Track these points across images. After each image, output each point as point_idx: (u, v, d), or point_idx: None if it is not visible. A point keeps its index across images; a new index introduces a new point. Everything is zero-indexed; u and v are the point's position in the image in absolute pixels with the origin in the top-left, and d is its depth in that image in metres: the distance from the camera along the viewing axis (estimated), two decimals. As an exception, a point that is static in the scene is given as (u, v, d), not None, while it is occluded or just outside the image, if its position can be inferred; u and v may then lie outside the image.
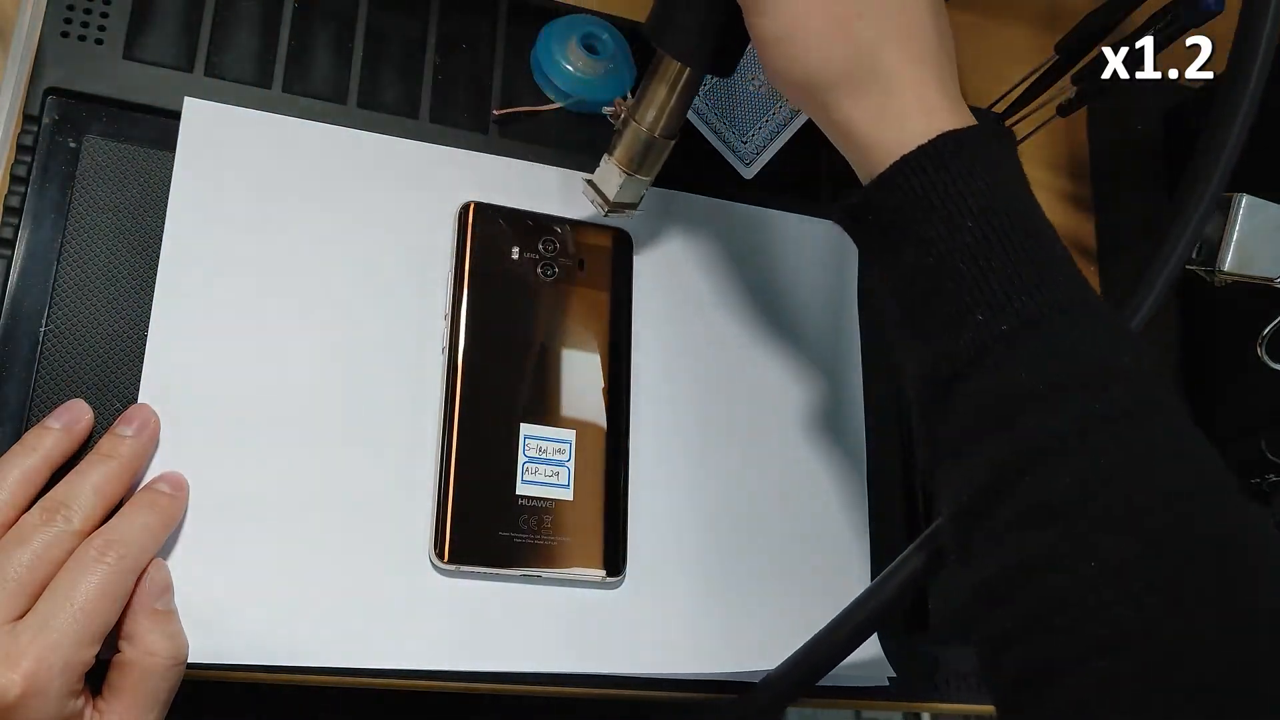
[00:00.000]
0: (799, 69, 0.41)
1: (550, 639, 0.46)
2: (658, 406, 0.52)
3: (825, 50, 0.40)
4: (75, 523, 0.39)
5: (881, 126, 0.40)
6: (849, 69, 0.40)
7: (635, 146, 0.48)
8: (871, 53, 0.40)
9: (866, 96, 0.40)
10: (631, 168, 0.48)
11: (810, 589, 0.52)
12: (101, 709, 0.39)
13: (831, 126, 0.42)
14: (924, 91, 0.40)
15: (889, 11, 0.40)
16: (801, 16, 0.39)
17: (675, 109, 0.47)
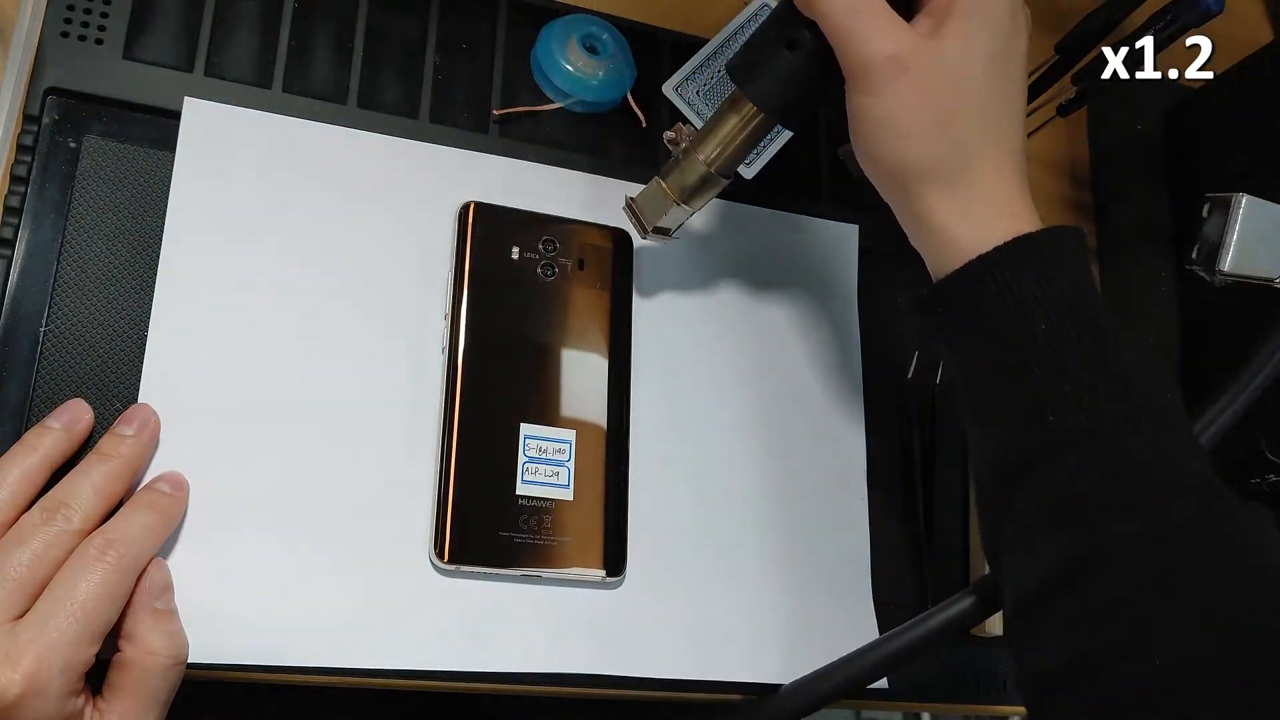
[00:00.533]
0: (895, 156, 0.41)
1: (550, 639, 0.46)
2: (658, 406, 0.52)
3: (926, 142, 0.41)
4: (75, 522, 0.39)
5: (964, 224, 0.41)
6: (944, 164, 0.41)
7: (690, 178, 0.47)
8: (967, 150, 0.41)
9: (954, 193, 0.41)
10: (680, 197, 0.47)
11: (810, 589, 0.52)
12: (102, 708, 0.39)
13: (910, 215, 0.43)
14: (1009, 192, 0.41)
15: (989, 107, 0.41)
16: (910, 105, 0.40)
17: (738, 150, 0.46)
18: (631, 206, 0.49)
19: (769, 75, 0.44)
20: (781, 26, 0.43)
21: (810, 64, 0.43)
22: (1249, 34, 0.76)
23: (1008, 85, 0.42)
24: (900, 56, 0.40)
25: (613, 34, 0.56)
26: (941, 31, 0.41)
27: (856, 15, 0.40)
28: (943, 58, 0.40)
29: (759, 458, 0.53)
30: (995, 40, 0.41)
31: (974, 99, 0.41)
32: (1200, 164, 0.64)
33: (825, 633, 0.51)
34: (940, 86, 0.40)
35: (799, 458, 0.54)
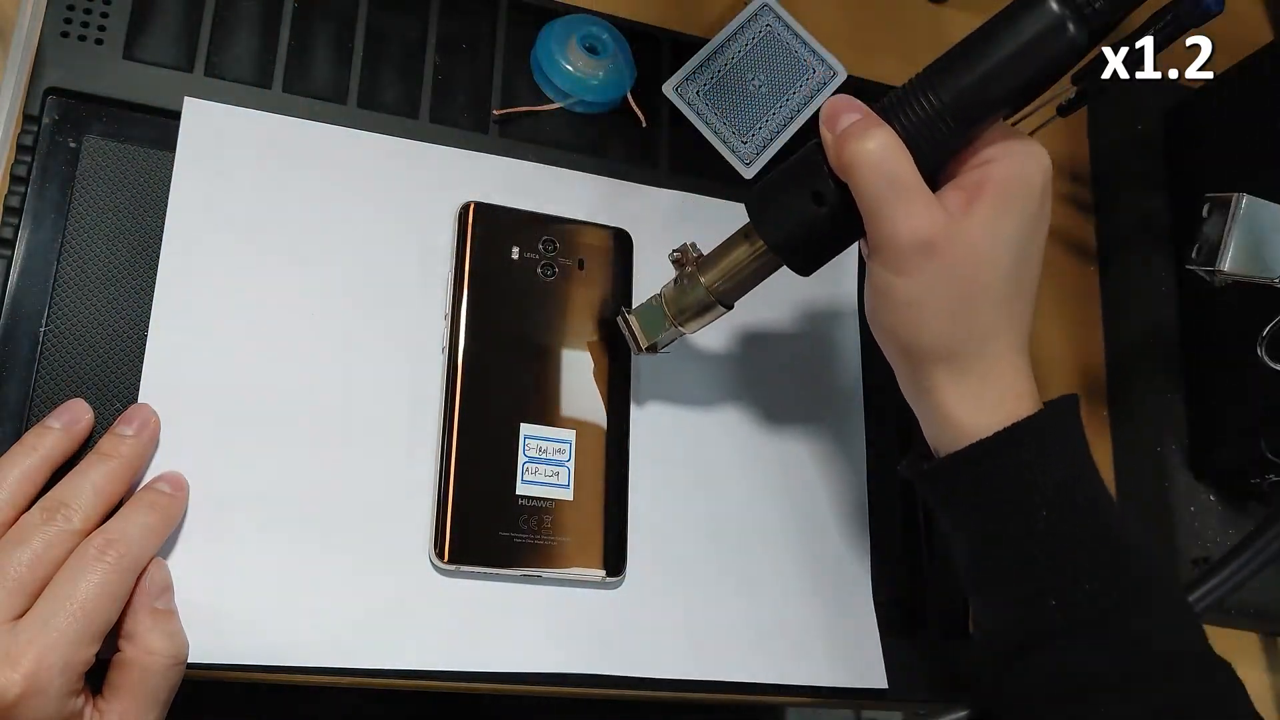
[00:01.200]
0: (910, 336, 0.42)
1: (550, 639, 0.46)
2: (658, 406, 0.52)
3: (943, 327, 0.41)
4: (75, 522, 0.39)
5: (968, 407, 0.41)
6: (959, 349, 0.41)
7: (690, 301, 0.46)
8: (983, 337, 0.41)
9: (964, 377, 0.41)
10: (677, 319, 0.47)
11: (810, 589, 0.52)
12: (102, 708, 0.39)
13: (915, 388, 0.43)
14: (1016, 379, 0.41)
15: (1008, 296, 0.41)
16: (935, 288, 0.40)
17: (744, 283, 0.46)
18: (626, 320, 0.48)
19: (789, 222, 0.43)
20: (809, 175, 0.42)
21: (834, 220, 0.42)
22: (1249, 34, 0.76)
23: (1028, 267, 0.42)
24: (932, 242, 0.39)
25: (613, 34, 0.56)
26: (972, 210, 0.40)
27: (894, 193, 0.39)
28: (971, 243, 0.40)
29: (759, 458, 0.53)
30: (1023, 224, 0.41)
31: (996, 285, 0.40)
32: (1200, 164, 0.64)
33: (825, 633, 0.51)
34: (966, 273, 0.40)
35: (799, 457, 0.54)
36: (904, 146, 0.40)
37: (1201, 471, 0.60)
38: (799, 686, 0.50)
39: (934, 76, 0.40)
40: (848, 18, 0.65)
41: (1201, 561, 0.57)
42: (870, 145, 0.39)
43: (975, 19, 0.70)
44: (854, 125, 0.40)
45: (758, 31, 0.59)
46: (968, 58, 0.40)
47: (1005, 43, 0.39)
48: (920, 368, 0.42)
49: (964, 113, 0.40)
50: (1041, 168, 0.41)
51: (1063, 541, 0.40)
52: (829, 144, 0.41)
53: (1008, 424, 0.40)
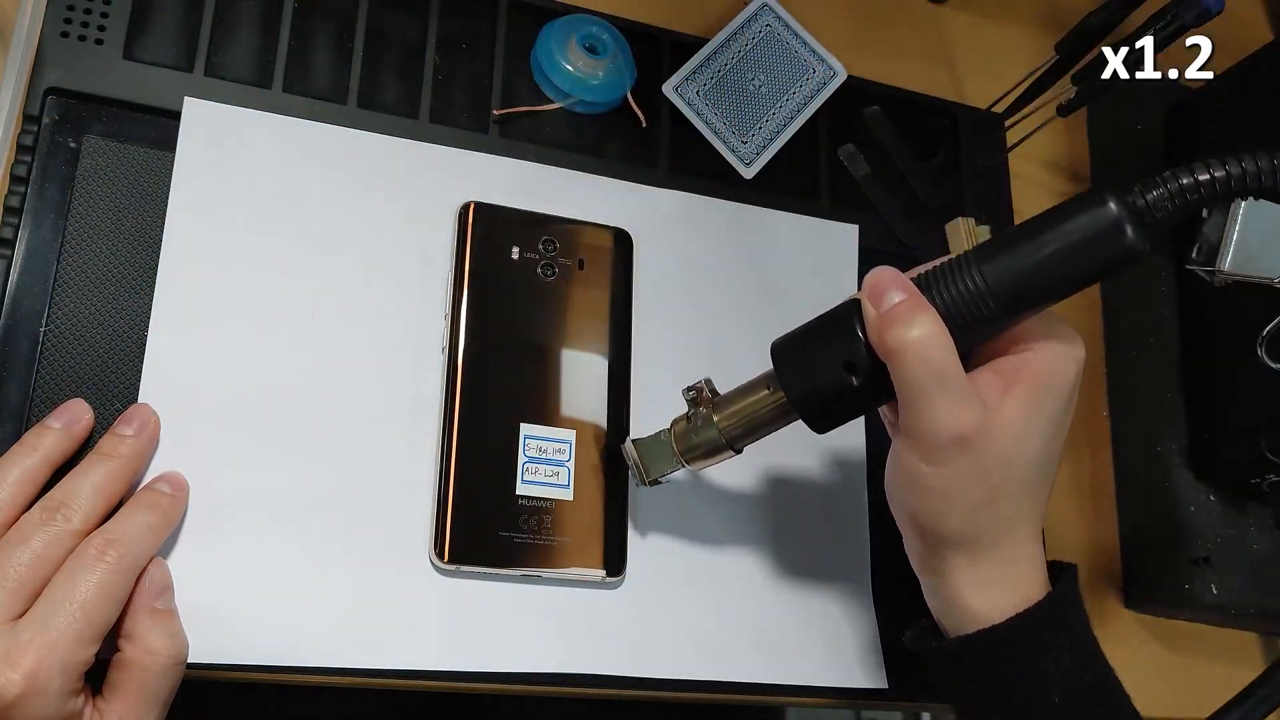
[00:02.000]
0: (933, 523, 0.42)
1: (550, 639, 0.46)
2: (658, 406, 0.52)
3: (969, 517, 0.41)
4: (75, 522, 0.39)
5: (980, 593, 0.42)
6: (978, 538, 0.41)
7: (699, 440, 0.45)
8: (1003, 530, 0.41)
9: (977, 563, 0.42)
10: (684, 456, 0.45)
11: (810, 589, 0.52)
12: (102, 708, 0.39)
13: (930, 571, 0.43)
14: (1028, 569, 0.42)
15: (1031, 490, 0.41)
16: (965, 481, 0.40)
17: (757, 430, 0.44)
18: (633, 451, 0.47)
19: (815, 384, 0.42)
20: (844, 342, 0.41)
21: (862, 391, 0.41)
22: (1249, 34, 0.76)
23: (1053, 456, 0.42)
24: (969, 437, 0.39)
25: (613, 34, 0.56)
26: (1007, 401, 0.40)
27: (936, 386, 0.39)
28: (1004, 437, 0.39)
29: (758, 458, 0.53)
30: (1055, 417, 0.41)
31: (1022, 477, 0.40)
32: (1200, 164, 0.64)
33: (825, 633, 0.51)
34: (995, 467, 0.40)
35: (798, 457, 0.54)
36: (948, 336, 0.39)
37: (1201, 471, 0.60)
38: (799, 686, 0.50)
39: (984, 258, 0.39)
40: (848, 18, 0.65)
41: (1202, 562, 0.57)
42: (915, 334, 0.38)
43: (975, 19, 0.71)
44: (900, 307, 0.39)
45: (758, 31, 0.59)
46: (1020, 246, 0.38)
47: (1060, 238, 0.38)
48: (936, 550, 0.43)
49: (1009, 302, 0.39)
50: (1078, 361, 0.41)
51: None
52: (871, 320, 0.40)
53: (1017, 611, 0.41)
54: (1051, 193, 0.68)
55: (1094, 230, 0.37)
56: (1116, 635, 0.60)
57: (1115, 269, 0.38)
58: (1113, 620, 0.60)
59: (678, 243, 0.55)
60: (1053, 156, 0.68)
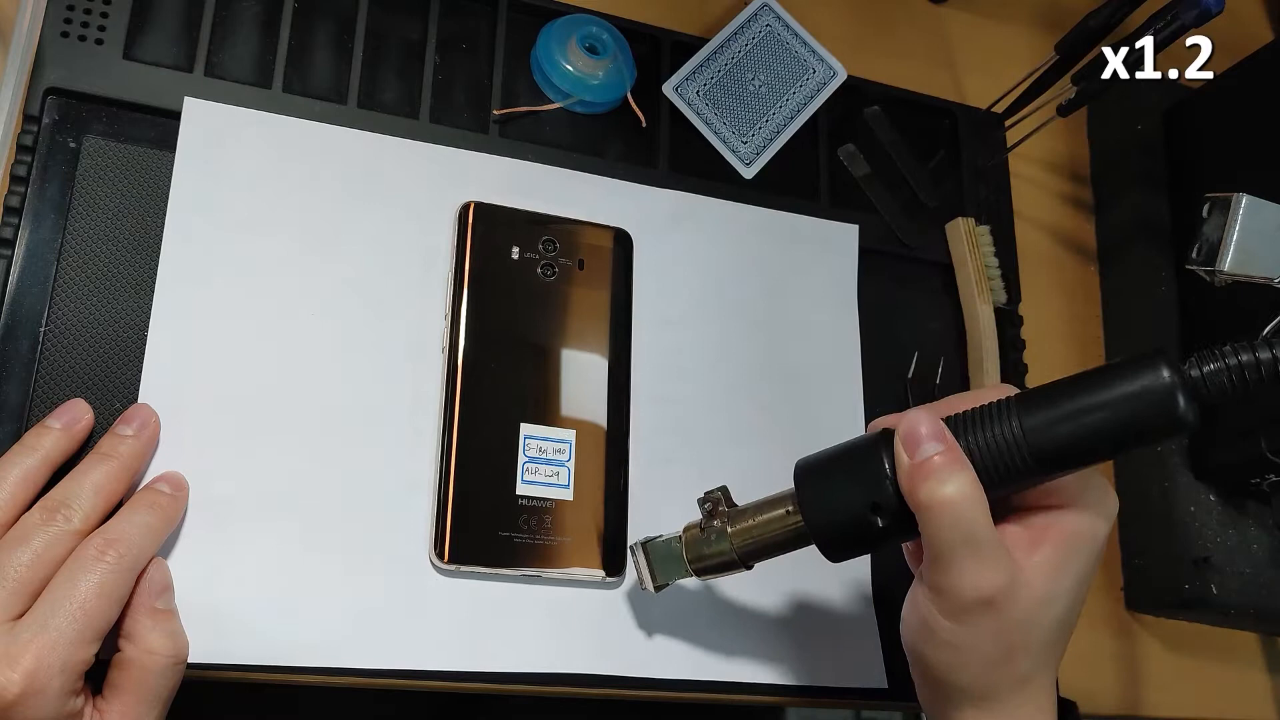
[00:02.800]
0: (948, 673, 0.41)
1: (550, 639, 0.46)
2: (658, 406, 0.52)
3: (984, 674, 0.40)
4: (75, 522, 0.39)
5: None
6: (990, 694, 0.40)
7: (710, 552, 0.44)
8: (1017, 687, 0.40)
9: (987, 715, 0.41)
10: (693, 566, 0.44)
11: (810, 590, 0.52)
12: (101, 708, 0.39)
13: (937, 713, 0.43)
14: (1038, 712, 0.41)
15: (1050, 648, 0.40)
16: (984, 638, 0.39)
17: (769, 551, 0.43)
18: (642, 555, 0.45)
19: (837, 518, 0.40)
20: (872, 482, 0.39)
21: (886, 532, 0.39)
22: (1249, 34, 0.76)
23: (1076, 611, 0.41)
24: (994, 600, 0.38)
25: (613, 34, 0.56)
26: (1035, 559, 0.39)
27: (967, 547, 0.38)
28: (1028, 599, 0.39)
29: (759, 457, 0.53)
30: (1084, 574, 0.40)
31: (1044, 635, 0.40)
32: (1200, 164, 0.64)
33: (825, 633, 0.51)
34: (1019, 628, 0.39)
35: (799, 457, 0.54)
36: (983, 495, 0.38)
37: (1201, 471, 0.60)
38: (799, 686, 0.50)
39: (1026, 409, 0.38)
40: (848, 18, 0.65)
41: (1202, 562, 0.58)
42: (950, 491, 0.37)
43: (975, 19, 0.71)
44: (934, 461, 0.38)
45: (758, 31, 0.59)
46: (1065, 402, 0.37)
47: (1108, 401, 0.36)
48: (947, 700, 0.42)
49: (1047, 459, 0.37)
50: (1109, 520, 0.40)
51: None
52: (903, 468, 0.38)
53: None
54: (1051, 193, 0.68)
55: (1145, 397, 0.35)
56: (1116, 635, 0.60)
57: (1161, 439, 0.36)
58: (1113, 620, 0.60)
59: (678, 243, 0.55)
60: (1053, 156, 0.68)
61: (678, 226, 0.55)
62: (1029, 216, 0.66)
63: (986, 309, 0.59)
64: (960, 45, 0.68)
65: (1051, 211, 0.67)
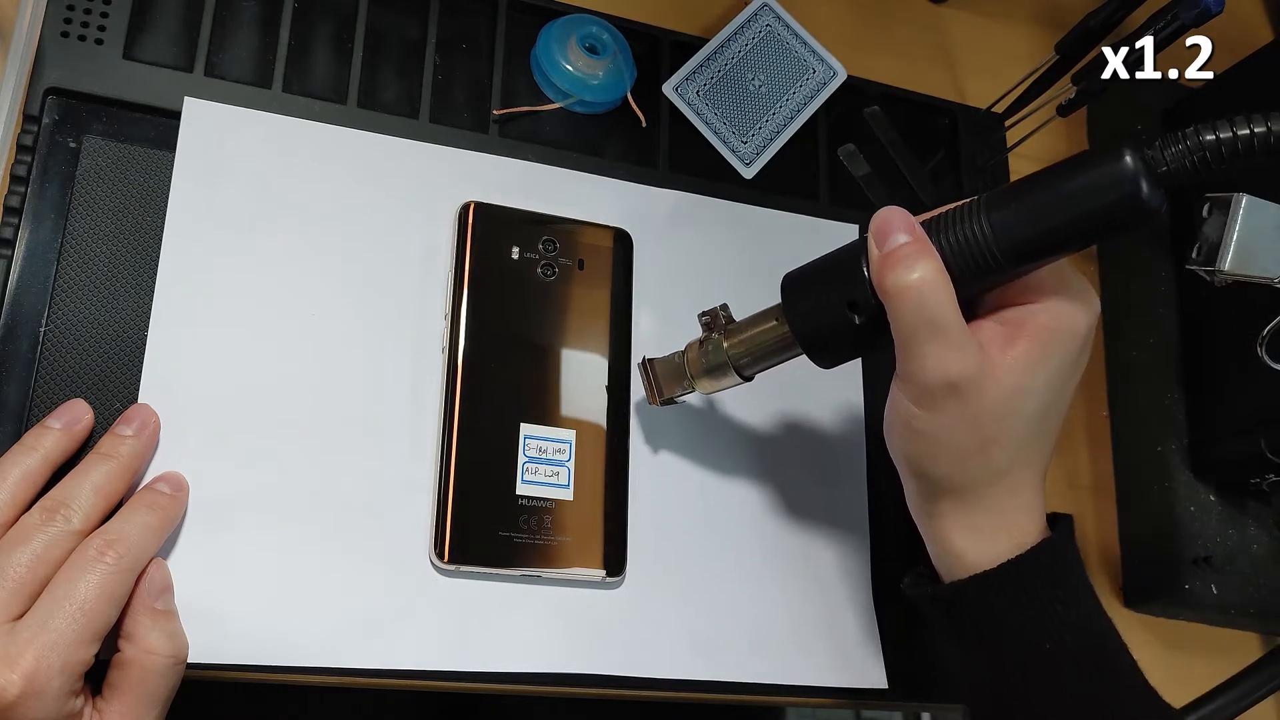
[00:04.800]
0: (925, 466, 0.42)
1: (550, 639, 0.46)
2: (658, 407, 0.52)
3: (958, 464, 0.41)
4: (75, 522, 0.39)
5: (970, 539, 0.42)
6: (968, 486, 0.41)
7: (710, 364, 0.46)
8: (996, 476, 0.41)
9: (967, 509, 0.41)
10: (695, 380, 0.47)
11: (810, 589, 0.52)
12: (101, 708, 0.39)
13: (923, 514, 0.43)
14: (1021, 518, 0.41)
15: (1030, 439, 0.41)
16: (955, 428, 0.40)
17: (764, 359, 0.45)
18: (649, 369, 0.48)
19: (819, 320, 0.42)
20: (848, 281, 0.41)
21: (865, 331, 0.41)
22: (1249, 34, 0.76)
23: (1057, 410, 0.41)
24: (958, 386, 0.39)
25: (613, 34, 0.56)
26: (1008, 352, 0.39)
27: (929, 331, 0.38)
28: (999, 389, 0.39)
29: (758, 457, 0.53)
30: (1060, 371, 0.40)
31: (1018, 430, 0.40)
32: (1200, 164, 0.64)
33: (825, 633, 0.51)
34: (990, 418, 0.39)
35: (798, 457, 0.54)
36: (948, 281, 0.38)
37: (1201, 471, 0.60)
38: (799, 686, 0.50)
39: (992, 206, 0.38)
40: (848, 18, 0.65)
41: (1202, 562, 0.57)
42: (913, 277, 0.38)
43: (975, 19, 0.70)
44: (901, 250, 0.38)
45: (758, 31, 0.59)
46: (1030, 195, 0.38)
47: (1072, 190, 0.37)
48: (928, 494, 0.42)
49: (1014, 253, 0.38)
50: (1088, 318, 0.40)
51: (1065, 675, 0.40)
52: (874, 260, 0.39)
53: (1007, 559, 0.41)
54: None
55: (1108, 184, 0.36)
56: (1116, 635, 0.60)
57: (1126, 226, 0.37)
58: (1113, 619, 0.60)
59: (678, 243, 0.55)
60: (1053, 156, 0.68)
61: (678, 226, 0.55)
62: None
63: (986, 309, 0.59)
64: (960, 45, 0.68)
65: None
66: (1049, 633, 0.40)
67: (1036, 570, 0.41)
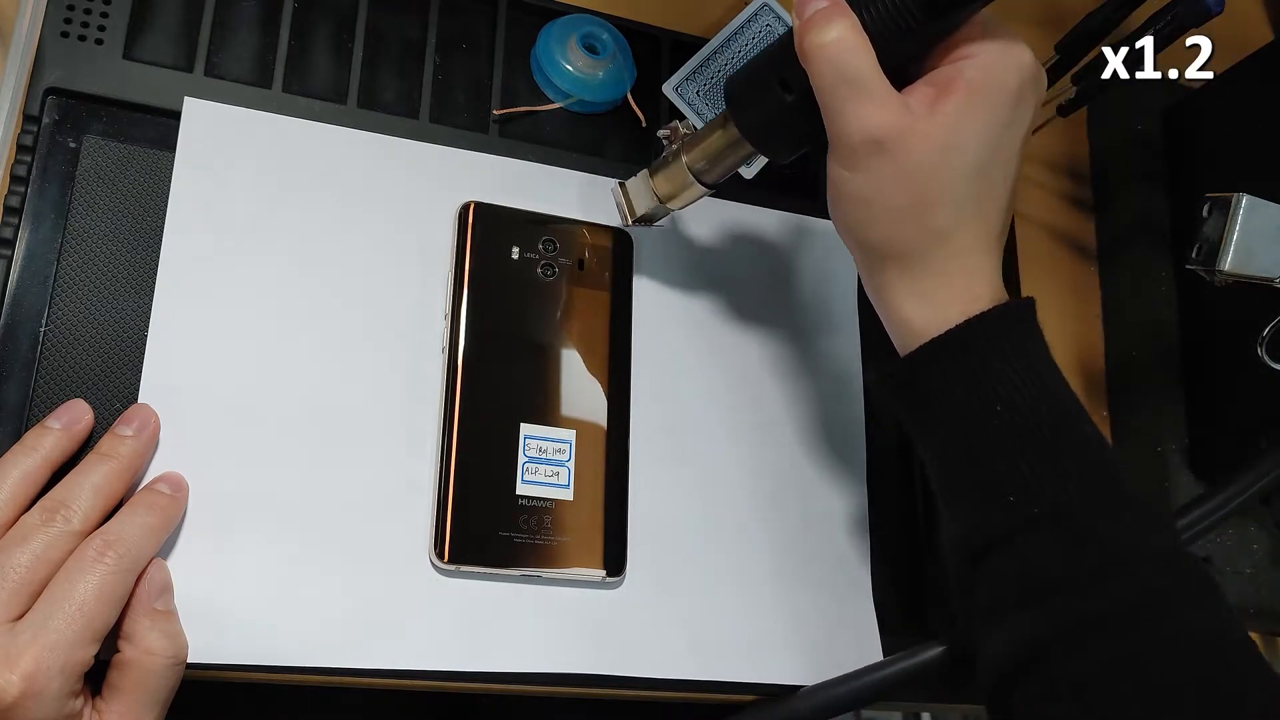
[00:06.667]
0: (861, 233, 0.41)
1: (550, 639, 0.46)
2: (658, 406, 0.52)
3: (895, 227, 0.40)
4: (75, 523, 0.39)
5: (919, 307, 0.40)
6: (910, 250, 0.40)
7: (674, 180, 0.47)
8: (937, 241, 0.40)
9: (913, 275, 0.40)
10: (662, 196, 0.48)
11: (810, 589, 0.52)
12: (101, 709, 0.39)
13: (873, 289, 0.42)
14: (972, 281, 0.40)
15: (969, 197, 0.39)
16: (885, 187, 0.39)
17: (722, 166, 0.46)
18: (619, 192, 0.49)
19: (758, 108, 0.42)
20: (779, 60, 0.41)
21: (801, 108, 0.40)
22: (1249, 34, 0.76)
23: (998, 168, 0.40)
24: (883, 141, 0.38)
25: (613, 34, 0.56)
26: (937, 109, 0.38)
27: (848, 88, 0.38)
28: (929, 145, 0.38)
29: (759, 457, 0.53)
30: (993, 124, 0.39)
31: (954, 186, 0.39)
32: (1200, 164, 0.64)
33: (825, 633, 0.51)
34: (920, 175, 0.38)
35: (799, 457, 0.54)
36: (865, 40, 0.38)
37: (1201, 471, 0.60)
38: (799, 686, 0.50)
39: None
40: (848, 18, 0.65)
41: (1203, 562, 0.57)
42: (829, 37, 0.38)
43: (975, 19, 0.70)
44: (818, 14, 0.38)
45: (758, 31, 0.59)
46: None
47: None
48: (873, 264, 0.42)
49: (929, 6, 0.38)
50: (1019, 65, 0.39)
51: (1019, 440, 0.38)
52: (796, 32, 0.39)
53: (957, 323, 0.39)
54: (1051, 193, 0.68)
55: None
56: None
57: None
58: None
59: (678, 243, 0.55)
60: (1053, 156, 0.68)
61: (678, 226, 0.55)
62: (1029, 216, 0.66)
63: (986, 309, 0.59)
64: (960, 45, 0.68)
65: (1051, 211, 0.67)
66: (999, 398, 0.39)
67: (986, 333, 0.39)
